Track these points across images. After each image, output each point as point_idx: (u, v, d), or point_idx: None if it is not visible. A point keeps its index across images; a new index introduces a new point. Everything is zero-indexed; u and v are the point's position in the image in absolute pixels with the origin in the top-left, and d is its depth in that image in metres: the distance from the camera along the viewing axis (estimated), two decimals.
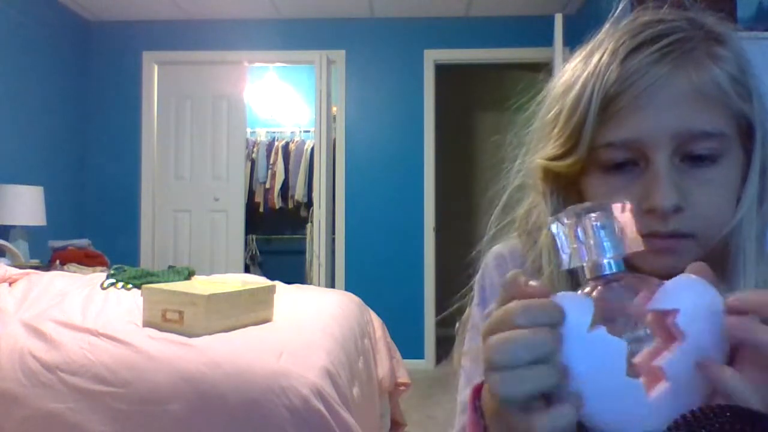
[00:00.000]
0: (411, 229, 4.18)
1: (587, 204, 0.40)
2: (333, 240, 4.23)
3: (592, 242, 0.39)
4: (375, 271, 4.18)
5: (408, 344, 3.80)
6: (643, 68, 0.47)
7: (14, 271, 2.30)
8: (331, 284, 4.16)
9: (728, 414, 0.36)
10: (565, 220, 0.40)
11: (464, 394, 0.58)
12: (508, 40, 4.12)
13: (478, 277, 0.67)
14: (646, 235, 0.47)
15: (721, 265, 0.49)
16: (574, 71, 0.53)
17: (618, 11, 0.56)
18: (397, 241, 4.19)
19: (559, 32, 2.74)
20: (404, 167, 4.21)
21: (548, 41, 3.09)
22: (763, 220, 0.51)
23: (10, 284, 2.18)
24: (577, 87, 0.51)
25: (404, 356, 2.73)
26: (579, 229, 0.39)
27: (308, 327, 1.91)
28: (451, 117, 4.88)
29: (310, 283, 4.24)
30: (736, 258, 0.49)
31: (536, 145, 0.58)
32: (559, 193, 0.56)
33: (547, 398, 0.36)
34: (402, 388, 2.55)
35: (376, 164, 4.23)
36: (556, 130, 0.54)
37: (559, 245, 0.40)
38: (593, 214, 0.39)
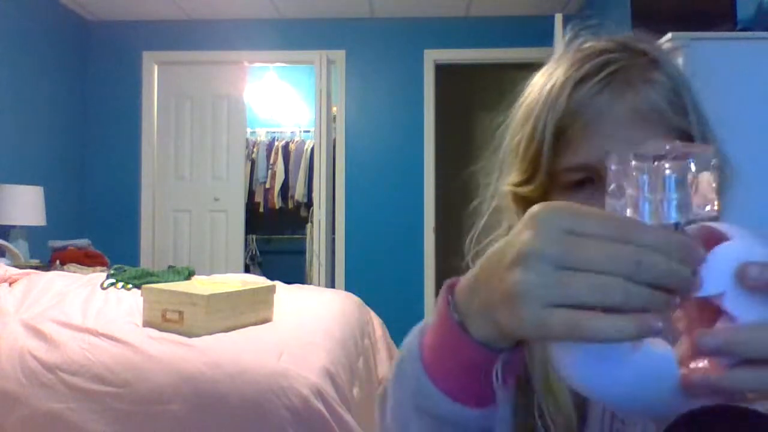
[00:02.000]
0: (411, 229, 4.18)
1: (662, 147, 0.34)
2: (333, 240, 4.23)
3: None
4: (375, 271, 4.18)
5: None
6: (588, 100, 0.53)
7: (14, 271, 2.30)
8: (331, 284, 4.15)
9: (728, 414, 0.36)
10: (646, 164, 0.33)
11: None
12: (508, 40, 4.12)
13: None
14: None
15: None
16: (532, 99, 0.58)
17: (569, 35, 0.61)
18: (397, 241, 4.19)
19: (559, 32, 2.74)
20: (404, 167, 4.21)
21: (548, 41, 3.09)
22: None
23: (10, 284, 2.18)
24: (533, 117, 0.56)
25: None
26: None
27: (308, 327, 1.92)
28: (451, 117, 4.88)
29: (310, 283, 4.24)
30: None
31: (505, 170, 0.63)
32: None
33: None
34: None
35: (376, 164, 4.23)
36: (519, 155, 0.59)
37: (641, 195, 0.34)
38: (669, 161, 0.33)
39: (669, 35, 1.67)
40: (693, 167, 0.33)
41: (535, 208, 0.34)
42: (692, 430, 0.37)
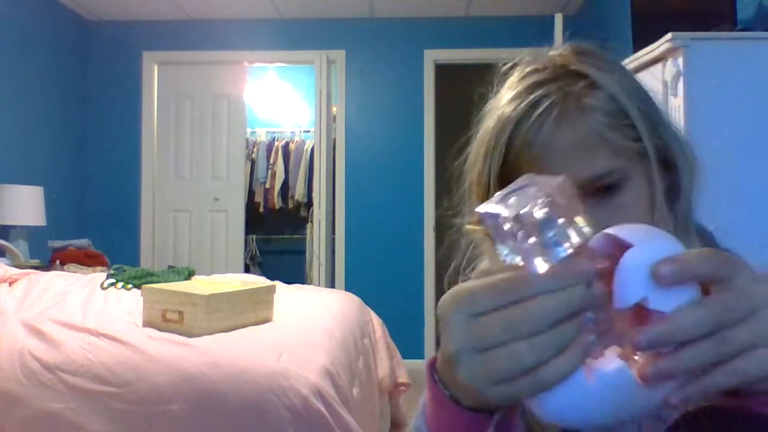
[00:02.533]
0: (411, 229, 4.18)
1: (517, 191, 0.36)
2: (333, 240, 4.23)
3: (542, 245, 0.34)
4: (375, 271, 4.18)
5: (408, 344, 3.79)
6: (530, 138, 0.54)
7: (14, 271, 2.30)
8: (331, 284, 4.15)
9: (728, 414, 0.36)
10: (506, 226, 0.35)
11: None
12: (508, 40, 4.12)
13: None
14: None
15: None
16: (480, 137, 0.59)
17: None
18: (397, 241, 4.19)
19: (559, 32, 2.73)
20: (404, 167, 4.21)
21: (548, 41, 3.08)
22: (676, 216, 0.56)
23: (10, 284, 2.18)
24: (480, 159, 0.57)
25: (404, 356, 2.73)
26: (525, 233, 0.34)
27: (308, 327, 1.92)
28: (451, 117, 4.88)
29: (310, 283, 4.24)
30: None
31: (468, 206, 0.63)
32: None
33: None
34: (402, 388, 2.55)
35: (376, 164, 4.23)
36: (473, 197, 0.60)
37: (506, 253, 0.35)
38: (537, 207, 0.34)
39: (669, 35, 1.67)
40: (544, 199, 0.34)
41: (441, 303, 0.39)
42: (692, 430, 0.37)
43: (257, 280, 2.49)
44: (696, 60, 1.65)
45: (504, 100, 0.57)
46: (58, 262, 3.15)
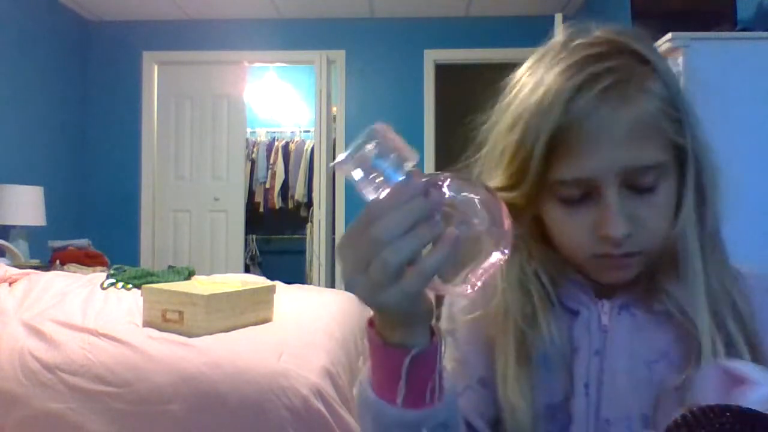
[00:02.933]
0: None
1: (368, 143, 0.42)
2: (333, 240, 4.23)
3: (381, 177, 0.41)
4: None
5: None
6: (586, 111, 0.51)
7: (14, 271, 2.30)
8: (331, 284, 4.15)
9: (728, 414, 0.36)
10: (351, 166, 0.41)
11: None
12: (508, 40, 4.12)
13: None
14: (601, 256, 0.55)
15: (673, 263, 0.56)
16: (520, 103, 0.56)
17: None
18: None
19: (559, 32, 2.73)
20: None
21: (548, 41, 3.08)
22: (703, 223, 0.56)
23: (10, 284, 2.18)
24: (522, 124, 0.54)
25: None
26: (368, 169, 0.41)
27: (308, 327, 1.91)
28: (451, 117, 4.88)
29: (310, 283, 4.24)
30: (685, 256, 0.56)
31: (489, 172, 0.61)
32: (516, 216, 0.60)
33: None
34: None
35: None
36: (504, 163, 0.58)
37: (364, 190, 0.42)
38: (369, 147, 0.41)
39: (669, 35, 1.67)
40: (378, 141, 0.42)
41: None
42: (692, 430, 0.37)
43: (257, 280, 2.48)
44: (696, 60, 1.64)
45: (551, 71, 0.54)
46: (58, 262, 3.15)
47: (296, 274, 4.78)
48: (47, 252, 3.38)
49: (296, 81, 5.38)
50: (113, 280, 2.27)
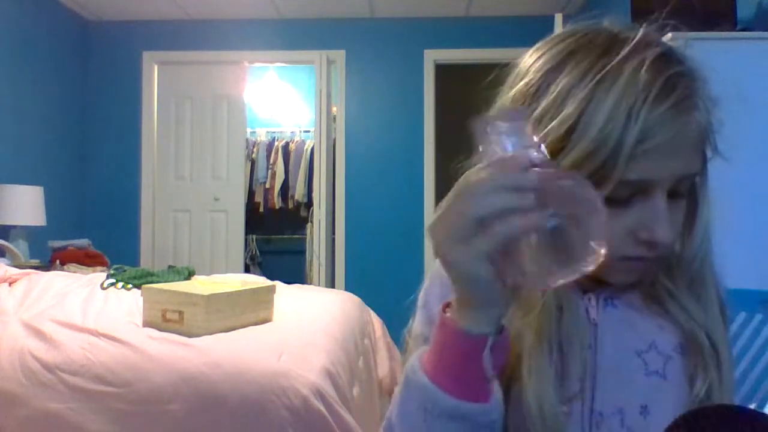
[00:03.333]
0: (411, 229, 4.18)
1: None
2: (333, 240, 4.23)
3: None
4: (375, 271, 4.17)
5: None
6: (669, 118, 0.50)
7: (14, 271, 2.30)
8: (331, 284, 4.15)
9: (728, 414, 0.36)
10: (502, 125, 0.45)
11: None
12: (508, 40, 4.12)
13: (425, 283, 0.72)
14: (631, 258, 0.54)
15: (685, 278, 0.58)
16: (582, 97, 0.52)
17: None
18: (397, 241, 4.18)
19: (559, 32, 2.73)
20: (404, 167, 4.21)
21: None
22: (710, 238, 0.59)
23: (10, 284, 2.18)
24: (601, 123, 0.50)
25: None
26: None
27: (308, 327, 1.91)
28: (451, 117, 4.88)
29: (310, 283, 4.24)
30: (703, 270, 0.58)
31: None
32: None
33: None
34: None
35: (376, 164, 4.22)
36: (571, 159, 0.52)
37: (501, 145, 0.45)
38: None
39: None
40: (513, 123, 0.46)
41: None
42: (692, 430, 0.37)
43: (257, 280, 2.49)
44: (696, 60, 1.64)
45: (621, 72, 0.51)
46: (58, 262, 3.15)
47: (296, 274, 4.78)
48: (47, 252, 3.38)
49: (296, 81, 5.38)
50: (113, 280, 2.27)
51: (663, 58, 0.53)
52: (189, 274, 2.56)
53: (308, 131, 5.17)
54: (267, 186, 5.16)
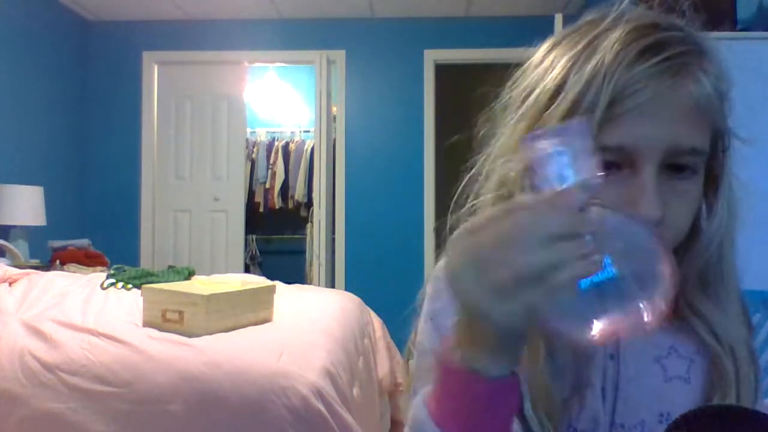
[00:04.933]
0: (411, 229, 4.18)
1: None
2: (333, 240, 4.23)
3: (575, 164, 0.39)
4: (375, 271, 4.17)
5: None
6: (648, 78, 0.48)
7: (14, 271, 2.30)
8: (331, 284, 4.15)
9: (728, 414, 0.36)
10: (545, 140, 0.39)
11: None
12: (508, 40, 4.11)
13: (429, 290, 0.65)
14: None
15: (702, 280, 0.54)
16: (569, 64, 0.52)
17: (619, 9, 0.55)
18: (397, 241, 4.18)
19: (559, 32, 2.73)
20: (404, 167, 4.20)
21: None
22: (733, 231, 0.55)
23: (10, 284, 2.18)
24: (579, 85, 0.50)
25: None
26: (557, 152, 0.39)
27: (308, 327, 1.91)
28: (451, 117, 4.88)
29: (310, 283, 4.24)
30: (719, 266, 0.54)
31: (515, 141, 0.57)
32: None
33: None
34: (402, 388, 2.54)
35: (376, 164, 4.22)
36: (553, 122, 0.52)
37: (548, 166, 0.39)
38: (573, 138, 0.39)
39: None
40: (561, 139, 0.39)
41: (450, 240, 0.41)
42: (692, 430, 0.37)
43: (257, 280, 2.49)
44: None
45: (608, 35, 0.50)
46: (58, 262, 3.15)
47: (296, 274, 4.78)
48: (47, 252, 3.38)
49: (296, 81, 5.38)
50: (113, 280, 2.27)
51: (655, 24, 0.50)
52: (189, 274, 2.56)
53: (308, 131, 5.17)
54: (267, 186, 5.16)
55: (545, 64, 0.56)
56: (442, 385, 0.45)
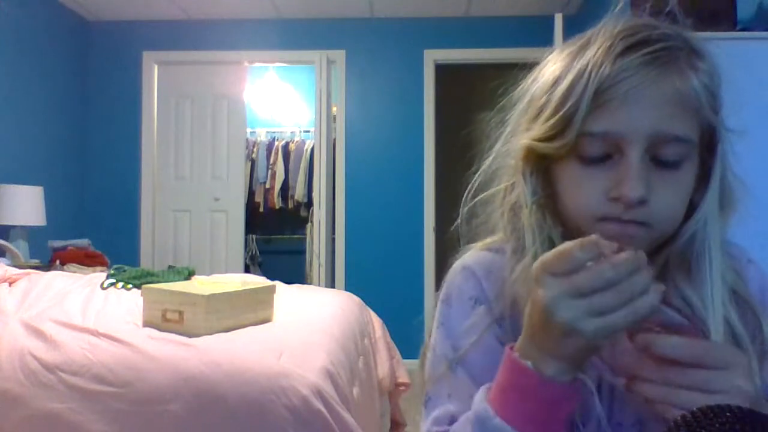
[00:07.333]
0: (411, 229, 4.18)
1: None
2: (333, 240, 4.23)
3: None
4: (375, 271, 4.17)
5: (408, 344, 3.79)
6: (634, 68, 0.51)
7: (14, 271, 2.30)
8: (331, 284, 4.15)
9: (728, 414, 0.36)
10: None
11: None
12: (508, 40, 4.12)
13: (442, 294, 0.69)
14: (607, 219, 0.54)
15: (685, 263, 0.57)
16: (565, 62, 0.57)
17: (617, 9, 0.59)
18: (397, 241, 4.18)
19: (559, 32, 2.73)
20: (404, 167, 4.21)
21: (548, 41, 3.08)
22: (723, 223, 0.57)
23: (10, 284, 2.18)
24: (571, 76, 0.54)
25: (404, 356, 2.73)
26: None
27: (308, 327, 1.91)
28: (451, 117, 4.88)
29: (310, 283, 4.24)
30: (702, 257, 0.56)
31: (523, 127, 0.61)
32: (537, 174, 0.61)
33: None
34: (402, 388, 2.54)
35: (376, 164, 4.23)
36: (546, 114, 0.57)
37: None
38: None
39: None
40: None
41: (535, 266, 0.49)
42: (692, 430, 0.37)
43: (257, 280, 2.48)
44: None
45: (601, 38, 0.55)
46: (58, 262, 3.15)
47: (296, 274, 4.79)
48: (47, 252, 3.38)
49: (296, 81, 5.38)
50: (113, 280, 2.27)
51: (645, 24, 0.54)
52: (189, 274, 2.56)
53: (308, 131, 5.17)
54: (267, 186, 5.16)
55: (546, 66, 0.61)
56: (512, 387, 0.50)
